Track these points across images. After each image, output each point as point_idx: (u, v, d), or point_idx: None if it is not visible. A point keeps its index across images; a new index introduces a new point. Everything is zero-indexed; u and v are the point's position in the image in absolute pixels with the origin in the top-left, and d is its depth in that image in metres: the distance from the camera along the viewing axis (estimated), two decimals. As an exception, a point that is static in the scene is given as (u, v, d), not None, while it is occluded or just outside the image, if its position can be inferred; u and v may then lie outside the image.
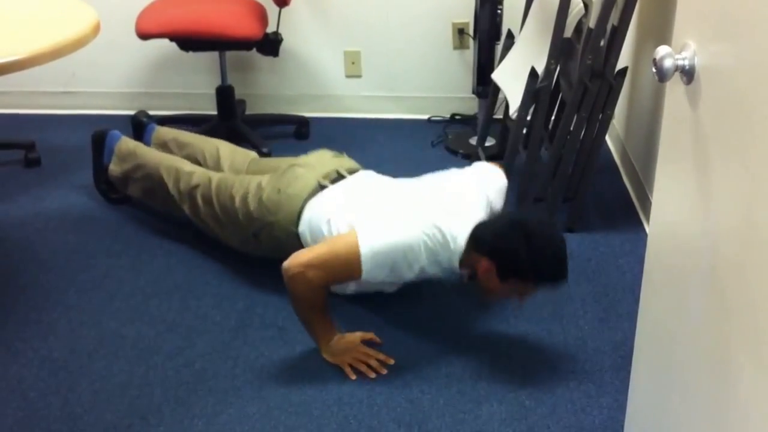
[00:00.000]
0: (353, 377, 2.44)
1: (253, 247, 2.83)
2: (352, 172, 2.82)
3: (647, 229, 2.88)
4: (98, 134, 3.33)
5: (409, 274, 2.46)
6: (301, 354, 2.54)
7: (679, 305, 1.55)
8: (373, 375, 2.44)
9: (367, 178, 2.81)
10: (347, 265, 2.40)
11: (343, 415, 2.30)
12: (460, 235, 2.44)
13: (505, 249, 2.36)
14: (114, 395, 2.37)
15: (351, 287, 2.68)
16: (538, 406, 2.34)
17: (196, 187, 2.93)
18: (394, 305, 2.72)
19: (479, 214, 2.52)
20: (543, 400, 2.36)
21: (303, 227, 2.66)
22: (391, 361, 2.49)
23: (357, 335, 2.55)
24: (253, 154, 3.17)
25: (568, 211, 3.18)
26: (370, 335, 2.57)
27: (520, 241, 2.34)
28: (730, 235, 1.28)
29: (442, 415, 2.30)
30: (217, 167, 3.09)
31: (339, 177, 2.77)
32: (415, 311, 2.72)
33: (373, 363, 2.47)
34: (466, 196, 2.60)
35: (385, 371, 2.46)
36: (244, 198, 2.76)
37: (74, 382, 2.42)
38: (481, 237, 2.42)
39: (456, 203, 2.55)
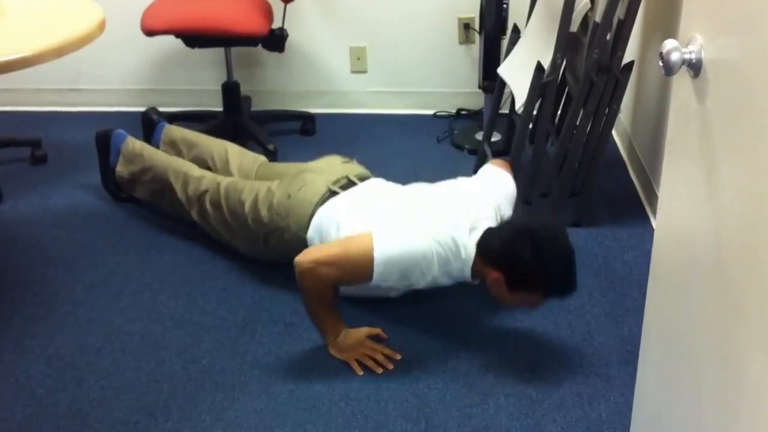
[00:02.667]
0: (360, 372, 2.44)
1: (261, 252, 2.84)
2: (362, 178, 2.81)
3: (654, 224, 2.88)
4: (102, 135, 3.32)
5: (421, 282, 2.46)
6: (309, 350, 2.54)
7: (685, 299, 1.55)
8: (379, 370, 2.45)
9: (378, 185, 2.81)
10: (359, 267, 2.40)
11: (351, 410, 2.31)
12: (470, 244, 2.44)
13: (514, 261, 2.36)
14: (121, 391, 2.38)
15: (358, 290, 2.68)
16: (545, 399, 2.34)
17: (205, 192, 2.93)
18: (400, 301, 2.72)
19: (488, 223, 2.52)
20: (550, 394, 2.36)
21: (312, 233, 2.66)
22: (398, 356, 2.50)
23: (363, 331, 2.55)
24: (262, 158, 3.16)
25: (575, 206, 3.18)
26: (376, 330, 2.57)
27: (528, 254, 2.33)
28: (737, 229, 1.28)
29: (450, 410, 2.31)
30: (226, 170, 3.09)
31: (349, 183, 2.76)
32: (422, 306, 2.72)
33: (380, 358, 2.47)
34: (475, 205, 2.58)
35: (391, 366, 2.46)
36: (254, 203, 2.76)
37: (82, 378, 2.43)
38: (490, 248, 2.42)
39: (466, 212, 2.53)
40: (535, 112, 3.26)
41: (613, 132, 3.79)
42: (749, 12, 1.22)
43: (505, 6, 3.59)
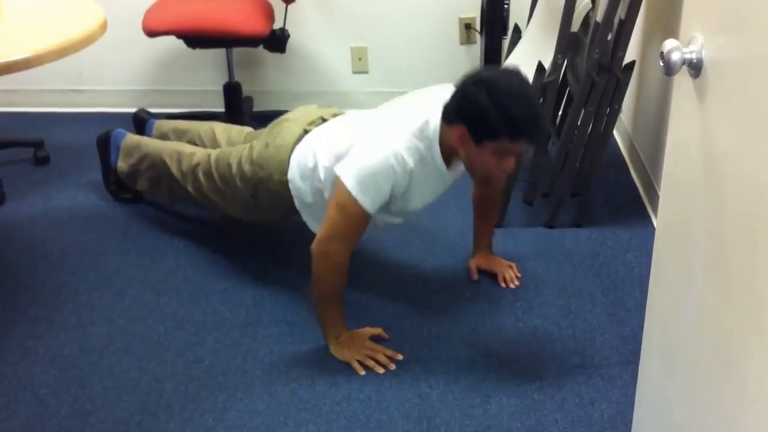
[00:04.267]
0: (362, 373, 2.44)
1: (255, 212, 2.83)
2: (336, 116, 2.79)
3: (655, 224, 2.88)
4: (102, 137, 3.34)
5: (404, 180, 2.40)
6: (310, 350, 2.54)
7: (686, 299, 1.55)
8: (381, 370, 2.45)
9: (348, 114, 2.78)
10: (353, 212, 2.38)
11: (352, 411, 2.31)
12: (431, 118, 2.40)
13: (471, 109, 2.29)
14: (124, 391, 2.38)
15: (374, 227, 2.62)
16: (546, 400, 2.34)
17: (197, 165, 2.94)
18: (401, 301, 2.72)
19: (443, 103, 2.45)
20: (551, 394, 2.36)
21: (292, 173, 2.64)
22: (399, 357, 2.50)
23: (365, 331, 2.56)
24: (248, 128, 3.16)
25: (576, 206, 3.18)
26: (377, 331, 2.58)
27: (485, 97, 2.26)
28: (738, 228, 1.28)
29: (451, 410, 2.31)
30: (215, 145, 3.10)
31: (323, 122, 2.75)
32: (423, 306, 2.72)
33: (381, 358, 2.48)
34: (430, 95, 2.53)
35: (393, 367, 2.47)
36: (239, 162, 2.77)
37: (84, 378, 2.43)
38: (448, 107, 2.36)
39: (421, 102, 2.51)
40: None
41: (614, 132, 3.79)
42: (750, 12, 1.22)
43: (506, 6, 3.59)
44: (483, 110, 2.26)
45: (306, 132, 2.70)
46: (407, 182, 2.42)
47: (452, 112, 2.35)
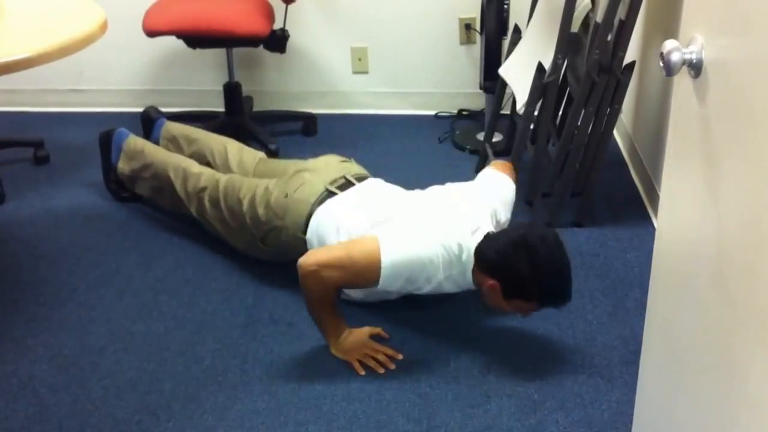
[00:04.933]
0: (362, 373, 2.44)
1: (259, 251, 2.84)
2: (359, 178, 2.80)
3: (655, 224, 2.87)
4: (104, 134, 3.34)
5: (426, 287, 2.45)
6: (311, 350, 2.54)
7: (687, 299, 1.54)
8: (381, 370, 2.45)
9: (376, 186, 2.80)
10: (365, 273, 2.40)
11: (353, 411, 2.31)
12: (471, 248, 2.44)
13: (510, 272, 2.36)
14: (124, 391, 2.38)
15: (357, 294, 2.68)
16: (547, 400, 2.34)
17: (204, 189, 2.94)
18: (401, 301, 2.72)
19: (486, 227, 2.51)
20: (552, 395, 2.36)
21: (311, 234, 2.66)
22: (400, 357, 2.50)
23: (365, 330, 2.56)
24: (261, 154, 3.17)
25: (576, 206, 3.18)
26: (377, 330, 2.58)
27: (524, 265, 2.33)
28: (738, 229, 1.28)
29: (451, 410, 2.31)
30: (225, 166, 3.10)
31: (347, 183, 2.76)
32: (423, 306, 2.72)
33: (382, 358, 2.48)
34: (474, 208, 2.58)
35: (393, 366, 2.47)
36: (252, 201, 2.77)
37: (84, 378, 2.43)
38: (486, 256, 2.41)
39: (466, 216, 2.53)
40: (536, 113, 3.26)
41: (615, 132, 3.80)
42: (750, 12, 1.22)
43: (506, 6, 3.59)
44: (521, 278, 2.35)
45: (329, 192, 2.70)
46: (429, 289, 2.47)
47: (488, 265, 2.41)
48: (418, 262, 2.38)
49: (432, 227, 2.47)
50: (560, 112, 3.51)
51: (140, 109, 3.60)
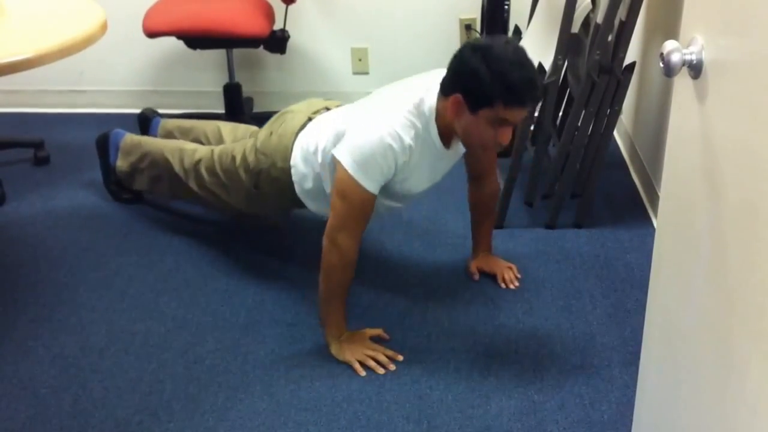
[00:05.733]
0: (362, 373, 2.44)
1: (258, 202, 2.82)
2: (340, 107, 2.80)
3: (655, 225, 2.87)
4: (101, 137, 3.34)
5: (404, 158, 2.39)
6: (311, 351, 2.54)
7: (687, 301, 1.54)
8: (381, 371, 2.45)
9: (352, 103, 2.77)
10: (355, 195, 2.38)
11: (353, 411, 2.31)
12: (426, 96, 2.40)
13: (467, 74, 2.28)
14: (124, 392, 2.38)
15: (387, 201, 2.61)
16: (547, 401, 2.34)
17: (200, 160, 2.94)
18: (401, 302, 2.72)
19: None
20: (552, 396, 2.36)
21: (295, 159, 2.64)
22: (400, 358, 2.50)
23: (365, 332, 2.56)
24: (254, 127, 3.16)
25: (577, 207, 3.18)
26: (378, 331, 2.58)
27: (480, 62, 2.25)
28: (739, 230, 1.28)
29: (451, 411, 2.31)
30: (220, 143, 3.11)
31: (327, 111, 2.76)
32: (423, 307, 2.72)
33: (382, 359, 2.48)
34: (428, 76, 2.54)
35: (393, 367, 2.47)
36: (243, 154, 2.77)
37: (85, 378, 2.43)
38: (444, 78, 2.37)
39: (417, 82, 2.51)
40: (536, 113, 3.26)
41: (615, 133, 3.80)
42: (749, 13, 1.22)
43: (506, 7, 3.59)
44: (478, 75, 2.25)
45: (310, 120, 2.71)
46: (407, 158, 2.41)
47: (448, 82, 2.36)
48: (377, 143, 2.35)
49: (380, 108, 2.47)
50: (560, 113, 3.51)
51: (141, 110, 3.60)
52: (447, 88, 2.36)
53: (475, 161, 2.75)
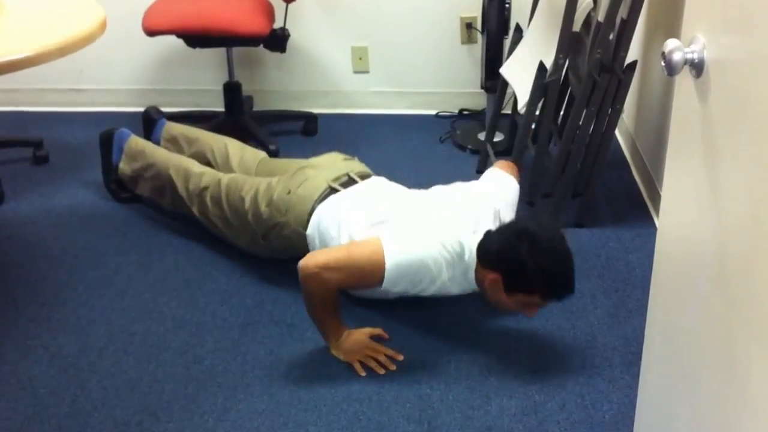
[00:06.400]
0: (362, 374, 2.43)
1: (261, 249, 2.83)
2: (362, 176, 2.80)
3: (657, 224, 2.86)
4: (106, 134, 3.34)
5: (430, 289, 2.45)
6: (311, 351, 2.53)
7: (688, 300, 1.54)
8: (382, 371, 2.44)
9: (379, 184, 2.79)
10: (369, 274, 2.40)
11: (353, 412, 2.30)
12: (473, 245, 2.43)
13: (511, 262, 2.34)
14: (123, 392, 2.37)
15: (356, 292, 2.67)
16: (548, 401, 2.33)
17: (206, 188, 2.93)
18: (402, 301, 2.71)
19: (488, 226, 2.50)
20: (553, 396, 2.35)
21: (312, 230, 2.65)
22: (400, 357, 2.49)
23: (365, 331, 2.55)
24: (262, 153, 3.17)
25: (578, 207, 3.17)
26: (378, 331, 2.57)
27: (525, 254, 2.30)
28: (740, 229, 1.27)
29: (452, 411, 2.30)
30: (226, 165, 3.10)
31: (350, 181, 2.76)
32: (424, 306, 2.71)
33: (382, 359, 2.47)
34: (477, 207, 2.57)
35: (394, 367, 2.46)
36: (254, 199, 2.76)
37: (84, 378, 2.43)
38: (488, 249, 2.40)
39: (469, 215, 2.53)
40: (537, 113, 3.25)
41: (616, 132, 3.78)
42: (752, 12, 1.21)
43: (507, 5, 3.59)
44: (522, 266, 2.31)
45: (331, 189, 2.70)
46: (433, 290, 2.46)
47: (490, 258, 2.39)
48: (421, 263, 2.38)
49: (434, 227, 2.47)
50: (562, 112, 3.50)
51: (140, 109, 3.60)
52: (487, 261, 2.40)
53: None
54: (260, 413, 2.30)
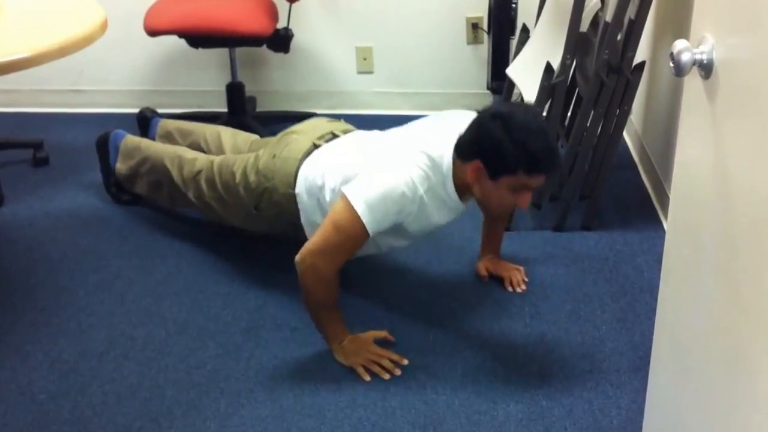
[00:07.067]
0: (367, 378, 2.41)
1: (257, 222, 2.80)
2: (347, 132, 2.79)
3: (665, 227, 2.84)
4: (101, 138, 3.33)
5: (413, 209, 2.40)
6: (314, 355, 2.51)
7: (697, 304, 1.53)
8: (387, 376, 2.42)
9: (359, 133, 2.78)
10: (351, 230, 2.36)
11: (357, 417, 2.28)
12: (445, 153, 2.40)
13: (488, 142, 2.30)
14: (124, 397, 2.35)
15: (370, 248, 2.61)
16: (555, 406, 2.31)
17: (200, 172, 2.92)
18: (407, 305, 2.70)
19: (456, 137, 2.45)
20: (560, 401, 2.32)
21: (299, 188, 2.62)
22: (405, 362, 2.47)
23: (369, 335, 2.53)
24: (255, 136, 3.14)
25: (585, 209, 3.15)
26: (383, 334, 2.55)
27: (501, 132, 2.27)
28: (750, 232, 1.26)
29: (458, 416, 2.28)
30: (219, 150, 3.10)
31: (333, 137, 2.74)
32: (429, 310, 2.70)
33: (387, 364, 2.44)
34: (444, 125, 2.54)
35: (399, 372, 2.43)
36: (243, 171, 2.75)
37: (84, 384, 2.41)
38: (463, 141, 2.37)
39: (435, 131, 2.51)
40: (544, 114, 3.23)
41: (624, 133, 3.76)
42: (761, 12, 1.21)
43: (513, 5, 3.58)
44: (500, 144, 2.28)
45: (315, 146, 2.69)
46: (416, 209, 2.41)
47: (467, 147, 2.36)
48: (391, 188, 2.34)
49: (396, 151, 2.46)
50: (569, 113, 3.48)
51: (139, 110, 3.58)
52: (465, 153, 2.37)
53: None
54: (263, 419, 2.27)
